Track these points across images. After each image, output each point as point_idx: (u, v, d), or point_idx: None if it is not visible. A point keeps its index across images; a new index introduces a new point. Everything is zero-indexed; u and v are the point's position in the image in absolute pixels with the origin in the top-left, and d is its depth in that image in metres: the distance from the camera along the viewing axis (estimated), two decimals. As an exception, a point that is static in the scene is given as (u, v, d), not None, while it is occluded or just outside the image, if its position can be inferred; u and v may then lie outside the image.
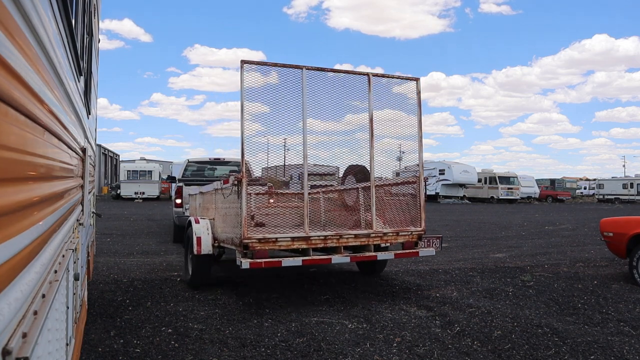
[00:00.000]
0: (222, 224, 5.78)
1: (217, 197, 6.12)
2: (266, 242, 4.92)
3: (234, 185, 5.18)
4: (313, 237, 5.16)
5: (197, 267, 5.90)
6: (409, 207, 5.84)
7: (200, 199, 7.41)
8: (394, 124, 5.89)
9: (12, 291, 0.83)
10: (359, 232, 5.45)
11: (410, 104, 5.93)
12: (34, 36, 1.02)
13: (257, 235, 4.90)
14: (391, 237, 5.60)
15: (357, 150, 5.78)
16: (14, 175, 0.88)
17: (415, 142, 5.93)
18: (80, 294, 2.71)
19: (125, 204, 27.73)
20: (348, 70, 5.66)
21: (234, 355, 3.78)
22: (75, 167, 2.36)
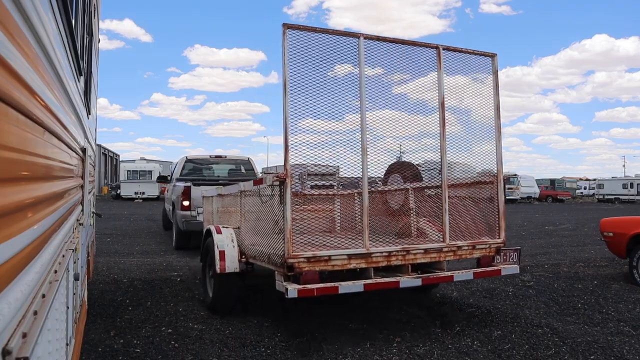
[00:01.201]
0: (253, 235, 4.76)
1: (244, 201, 5.07)
2: (317, 261, 3.82)
3: (273, 186, 4.08)
4: (375, 254, 4.05)
5: (220, 287, 4.84)
6: (484, 214, 4.77)
7: (218, 203, 6.23)
8: (464, 109, 4.82)
9: (12, 291, 0.83)
10: (430, 245, 4.38)
11: (484, 85, 4.87)
12: (34, 36, 1.02)
13: (305, 253, 3.78)
14: (466, 252, 4.56)
15: (420, 140, 4.65)
16: (14, 175, 0.88)
17: (490, 132, 4.84)
18: (80, 294, 2.71)
19: (125, 204, 27.73)
20: (414, 41, 4.58)
21: (234, 355, 3.78)
22: (75, 167, 2.37)
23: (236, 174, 11.03)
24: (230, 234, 4.99)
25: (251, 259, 4.70)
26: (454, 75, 4.71)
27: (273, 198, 4.18)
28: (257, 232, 4.62)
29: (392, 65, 4.42)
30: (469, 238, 4.58)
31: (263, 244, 4.36)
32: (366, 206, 4.07)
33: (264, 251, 4.27)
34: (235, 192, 5.34)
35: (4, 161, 0.78)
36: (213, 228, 5.10)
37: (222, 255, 4.75)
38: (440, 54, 4.57)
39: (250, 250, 4.72)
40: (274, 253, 4.00)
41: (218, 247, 4.81)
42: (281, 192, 3.83)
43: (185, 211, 8.99)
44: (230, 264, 4.74)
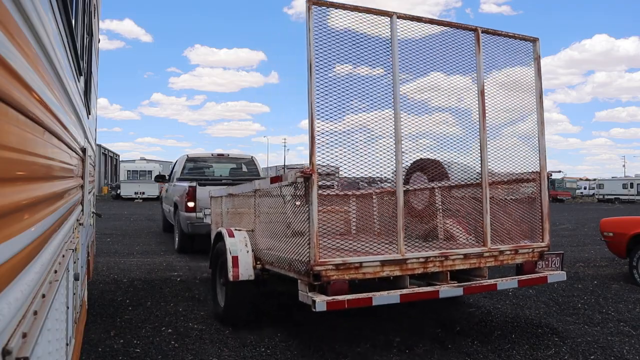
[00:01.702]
0: (270, 239, 4.33)
1: (259, 202, 4.60)
2: (346, 269, 3.41)
3: (297, 183, 3.58)
4: (410, 260, 3.64)
5: (233, 297, 4.37)
6: (525, 214, 4.34)
7: (227, 203, 5.73)
8: (503, 99, 4.35)
9: (12, 291, 0.83)
10: (470, 250, 3.94)
11: (525, 72, 4.42)
12: (34, 36, 1.02)
13: (334, 260, 3.36)
14: (508, 257, 4.14)
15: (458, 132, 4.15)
16: (14, 175, 0.88)
17: (531, 123, 4.40)
18: (80, 294, 2.71)
19: (125, 204, 27.73)
20: (452, 22, 4.14)
21: (234, 355, 3.79)
22: (75, 167, 2.37)
23: (239, 173, 10.60)
24: (243, 238, 4.52)
25: (268, 265, 4.22)
26: (493, 61, 4.27)
27: (296, 197, 3.74)
28: (275, 236, 4.21)
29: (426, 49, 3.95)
30: (508, 241, 4.15)
31: (282, 249, 3.90)
32: (401, 206, 3.63)
33: (284, 257, 3.81)
34: (249, 192, 4.85)
35: (4, 161, 0.78)
36: (225, 231, 4.63)
37: (235, 261, 4.30)
38: (479, 37, 4.14)
39: (266, 255, 4.26)
40: (297, 259, 3.55)
41: (230, 252, 4.35)
42: (307, 190, 3.36)
43: (190, 213, 8.37)
44: (245, 271, 4.28)
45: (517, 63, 4.41)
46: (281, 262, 3.89)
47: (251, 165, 10.82)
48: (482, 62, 4.17)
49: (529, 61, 4.45)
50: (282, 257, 3.87)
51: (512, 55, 4.38)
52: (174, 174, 10.47)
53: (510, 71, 4.37)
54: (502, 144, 4.27)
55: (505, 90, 4.32)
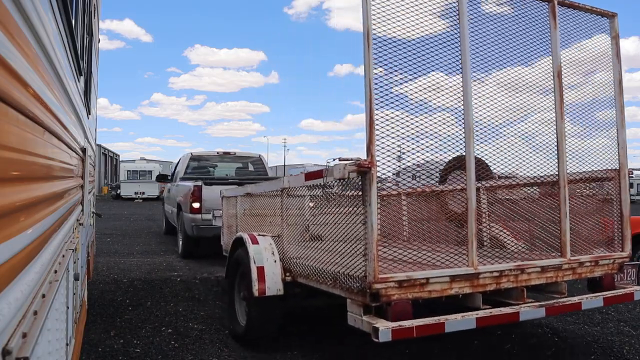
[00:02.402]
0: (304, 246, 3.77)
1: (287, 202, 3.94)
2: (410, 286, 2.80)
3: (348, 179, 2.83)
4: (483, 275, 3.05)
5: (258, 316, 3.74)
6: (599, 218, 3.75)
7: (244, 204, 5.11)
8: (578, 83, 3.74)
9: (12, 291, 0.83)
10: (547, 262, 3.34)
11: (600, 53, 3.78)
12: (34, 36, 1.02)
13: (397, 275, 2.74)
14: (587, 269, 3.55)
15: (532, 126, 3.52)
16: (14, 175, 0.88)
17: (608, 113, 3.75)
18: (80, 294, 2.71)
19: (125, 204, 27.73)
20: None
21: (234, 355, 3.79)
22: (75, 167, 2.37)
23: (246, 172, 10.06)
24: (269, 245, 3.87)
25: (301, 278, 3.56)
26: (567, 39, 3.64)
27: (346, 196, 3.09)
28: (312, 243, 3.65)
29: (494, 22, 3.35)
30: (584, 251, 3.55)
31: (323, 260, 3.26)
32: (473, 208, 3.03)
33: (325, 269, 3.17)
34: (274, 191, 4.18)
35: (4, 161, 0.78)
36: (246, 236, 3.97)
37: (260, 272, 3.66)
38: (554, 9, 3.55)
39: (298, 266, 3.61)
40: (346, 274, 2.89)
41: (255, 261, 3.70)
42: (364, 187, 2.71)
43: (195, 214, 7.77)
44: (272, 285, 3.64)
45: (591, 42, 3.79)
46: (321, 275, 3.22)
47: (259, 164, 10.28)
48: (548, 41, 3.53)
49: (604, 40, 3.82)
50: (322, 269, 3.22)
51: (585, 33, 3.75)
52: (177, 174, 9.92)
53: (584, 52, 3.74)
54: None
55: (579, 73, 3.72)
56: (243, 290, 4.03)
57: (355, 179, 2.79)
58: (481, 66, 3.29)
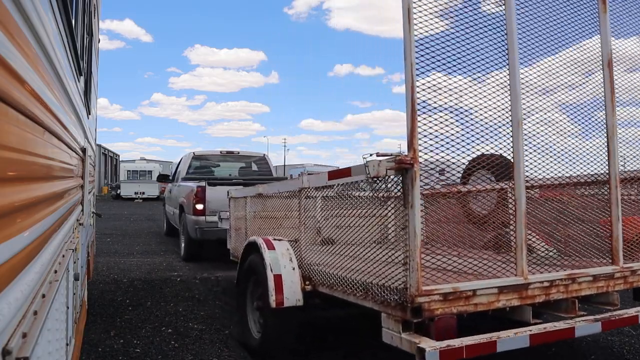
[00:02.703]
0: (327, 252, 3.30)
1: (306, 203, 3.60)
2: (456, 299, 2.47)
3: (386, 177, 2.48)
4: (533, 285, 2.72)
5: (274, 328, 3.44)
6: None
7: (255, 206, 4.75)
8: (629, 74, 3.30)
9: (12, 291, 0.83)
10: (599, 270, 3.02)
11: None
12: (34, 36, 1.02)
13: (442, 287, 2.41)
14: (639, 278, 3.24)
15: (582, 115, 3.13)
16: (14, 175, 0.88)
17: None
18: (80, 294, 2.71)
19: (125, 204, 27.73)
20: None
21: (234, 355, 3.79)
22: (75, 167, 2.37)
23: (250, 172, 9.83)
24: (286, 250, 3.54)
25: (323, 287, 3.19)
26: (617, 25, 3.20)
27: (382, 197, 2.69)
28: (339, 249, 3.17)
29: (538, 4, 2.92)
30: (634, 258, 3.22)
31: (352, 268, 2.86)
32: (523, 211, 2.69)
33: (355, 279, 2.78)
34: (291, 191, 3.81)
35: (4, 161, 0.78)
36: (261, 241, 3.64)
37: (277, 281, 3.34)
38: None
39: (319, 274, 3.24)
40: (382, 285, 2.53)
41: (272, 269, 3.38)
42: (404, 186, 2.34)
43: (198, 216, 7.43)
44: (291, 295, 3.32)
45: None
46: (348, 285, 2.84)
47: (263, 163, 10.00)
48: (597, 23, 3.17)
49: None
50: (350, 278, 2.84)
51: (635, 17, 3.32)
52: (179, 174, 9.58)
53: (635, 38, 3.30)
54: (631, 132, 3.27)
55: (630, 62, 3.32)
56: (257, 300, 3.73)
57: (393, 178, 2.43)
58: (527, 52, 2.87)
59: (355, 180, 2.81)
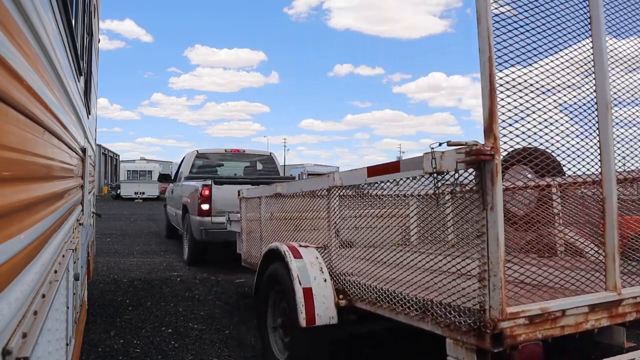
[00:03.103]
0: (366, 260, 2.80)
1: (338, 204, 3.09)
2: (542, 321, 2.00)
3: (455, 172, 1.99)
4: (625, 301, 2.24)
5: (304, 349, 2.98)
6: None
7: (272, 206, 4.25)
8: None
9: (12, 291, 0.83)
10: None
11: None
12: (34, 36, 1.02)
13: (529, 309, 1.92)
14: None
15: None
16: (14, 175, 0.88)
17: None
18: (80, 294, 2.71)
19: (125, 204, 27.73)
20: None
21: (234, 355, 3.79)
22: (75, 167, 2.37)
23: (257, 172, 9.46)
24: (315, 259, 3.07)
25: (362, 302, 2.69)
26: None
27: (449, 197, 2.27)
28: (384, 257, 2.63)
29: None
30: None
31: (401, 280, 2.39)
32: (614, 211, 2.19)
33: (409, 295, 2.28)
34: (318, 190, 3.31)
35: (4, 161, 0.78)
36: (285, 248, 3.16)
37: (308, 296, 2.89)
38: None
39: (357, 287, 2.75)
40: (450, 305, 2.04)
41: (300, 281, 2.93)
42: (482, 184, 1.85)
43: (204, 217, 7.08)
44: (323, 312, 2.86)
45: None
46: (399, 302, 2.35)
47: (269, 162, 9.63)
48: None
49: None
50: (401, 294, 2.34)
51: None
52: (181, 173, 9.24)
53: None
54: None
55: None
56: (281, 316, 3.29)
57: (463, 173, 1.95)
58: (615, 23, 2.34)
59: (407, 177, 2.30)
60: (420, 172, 2.14)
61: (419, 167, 2.13)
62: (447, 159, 1.98)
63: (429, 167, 2.05)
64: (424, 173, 2.10)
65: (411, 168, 2.23)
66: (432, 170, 2.04)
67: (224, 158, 9.44)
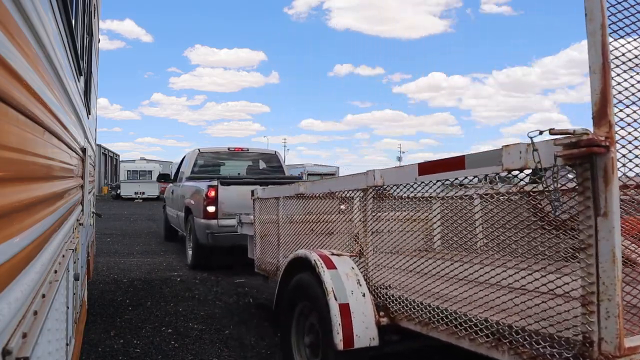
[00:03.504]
0: (416, 274, 2.38)
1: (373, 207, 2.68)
2: None
3: (554, 169, 1.53)
4: None
5: None
6: None
7: (292, 208, 3.80)
8: None
9: (12, 291, 0.83)
10: None
11: None
12: (34, 36, 1.02)
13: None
14: None
15: None
16: (14, 175, 0.88)
17: None
18: (80, 294, 2.71)
19: (125, 204, 27.73)
20: None
21: (234, 355, 3.79)
22: (75, 167, 2.37)
23: (261, 171, 9.13)
24: (351, 270, 2.64)
25: (411, 322, 2.29)
26: None
27: (547, 199, 1.67)
28: (429, 265, 2.27)
29: None
30: None
31: (462, 298, 2.02)
32: None
33: (477, 317, 1.89)
34: (351, 190, 2.87)
35: (4, 161, 0.78)
36: (315, 257, 2.74)
37: (345, 314, 2.46)
38: None
39: (402, 302, 2.37)
40: (539, 332, 1.65)
41: (336, 297, 2.50)
42: (593, 183, 1.48)
43: (210, 219, 6.72)
44: (362, 332, 2.44)
45: None
46: (466, 326, 1.93)
47: (274, 160, 9.31)
48: None
49: None
50: (468, 316, 1.93)
51: None
52: (182, 173, 8.89)
53: None
54: None
55: None
56: (309, 334, 2.91)
57: (561, 168, 1.55)
58: None
59: (475, 176, 1.93)
60: (496, 169, 1.78)
61: (496, 162, 1.76)
62: (543, 151, 1.57)
63: (510, 162, 1.69)
64: (503, 170, 1.74)
65: (483, 164, 1.86)
66: (524, 166, 1.65)
67: (227, 157, 9.11)
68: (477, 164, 1.89)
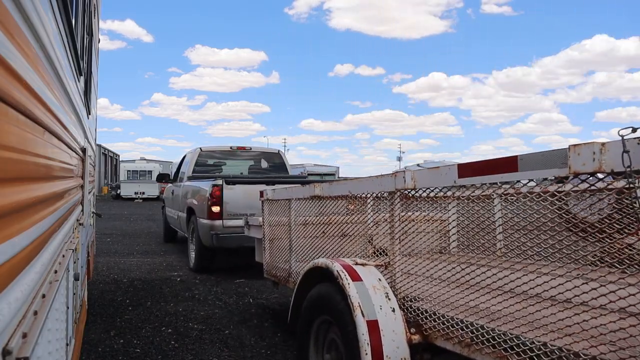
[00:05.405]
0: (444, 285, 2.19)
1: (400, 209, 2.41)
2: None
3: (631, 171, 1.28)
4: None
5: None
6: None
7: (306, 210, 3.52)
8: None
9: (12, 291, 0.83)
10: None
11: None
12: (34, 36, 1.02)
13: None
14: None
15: None
16: (14, 175, 0.88)
17: None
18: (80, 294, 2.71)
19: (125, 204, 27.72)
20: None
21: (234, 355, 3.79)
22: (75, 167, 2.37)
23: (264, 170, 8.98)
24: (378, 281, 2.37)
25: (450, 342, 2.00)
26: None
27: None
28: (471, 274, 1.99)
29: None
30: None
31: (529, 318, 1.68)
32: None
33: (540, 339, 1.59)
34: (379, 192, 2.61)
35: (4, 161, 0.78)
36: (338, 267, 2.45)
37: (374, 331, 2.19)
38: None
39: (437, 319, 2.09)
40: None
41: (363, 313, 2.23)
42: None
43: (214, 220, 6.49)
44: (393, 352, 2.16)
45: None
46: (526, 350, 1.61)
47: (277, 159, 9.12)
48: None
49: None
50: (528, 339, 1.62)
51: None
52: (183, 172, 8.66)
53: None
54: None
55: None
56: (329, 352, 2.65)
57: None
58: None
59: (531, 179, 1.69)
60: (560, 172, 1.54)
61: (559, 164, 1.53)
62: (634, 153, 1.33)
63: (581, 164, 1.45)
64: (569, 173, 1.50)
65: (541, 166, 1.61)
66: (598, 169, 1.41)
67: (230, 156, 8.89)
68: (533, 165, 1.64)
